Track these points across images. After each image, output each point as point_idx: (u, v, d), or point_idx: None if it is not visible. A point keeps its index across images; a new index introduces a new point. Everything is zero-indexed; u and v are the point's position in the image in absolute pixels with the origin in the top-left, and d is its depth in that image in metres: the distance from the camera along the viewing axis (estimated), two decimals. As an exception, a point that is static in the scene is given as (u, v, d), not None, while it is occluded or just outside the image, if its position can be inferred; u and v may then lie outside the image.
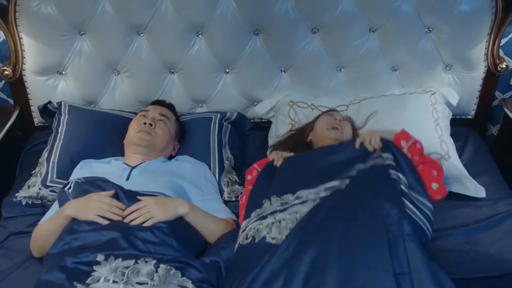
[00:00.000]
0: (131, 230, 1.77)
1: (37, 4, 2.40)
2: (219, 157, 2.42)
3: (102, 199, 1.86)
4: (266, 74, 2.68)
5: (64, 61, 2.56)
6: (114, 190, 1.92)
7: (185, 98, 2.71)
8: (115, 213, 1.84)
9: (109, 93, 2.67)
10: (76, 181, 2.01)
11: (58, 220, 1.88)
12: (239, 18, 2.49)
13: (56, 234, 1.83)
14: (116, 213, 1.84)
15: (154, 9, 2.46)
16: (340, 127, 2.29)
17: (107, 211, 1.83)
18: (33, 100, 2.64)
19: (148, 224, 1.82)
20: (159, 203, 1.89)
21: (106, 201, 1.86)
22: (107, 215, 1.83)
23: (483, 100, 2.75)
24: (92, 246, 1.71)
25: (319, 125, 2.34)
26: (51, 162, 2.33)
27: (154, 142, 2.25)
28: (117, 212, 1.85)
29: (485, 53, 2.61)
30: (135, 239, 1.74)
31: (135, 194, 1.93)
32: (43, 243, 1.89)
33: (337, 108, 2.62)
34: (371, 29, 2.58)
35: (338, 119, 2.32)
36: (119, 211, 1.86)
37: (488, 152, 2.65)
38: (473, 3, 2.48)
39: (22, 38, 2.48)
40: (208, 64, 2.62)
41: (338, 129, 2.27)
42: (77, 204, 1.87)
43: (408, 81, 2.71)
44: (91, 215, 1.82)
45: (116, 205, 1.87)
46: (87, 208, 1.84)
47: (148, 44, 2.56)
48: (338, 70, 2.70)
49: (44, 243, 1.87)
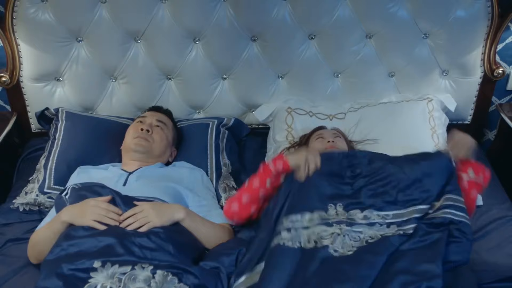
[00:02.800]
0: (127, 236, 1.77)
1: (34, 11, 2.41)
2: (216, 163, 2.42)
3: (99, 204, 1.86)
4: (263, 80, 2.68)
5: (61, 67, 2.57)
6: (111, 195, 1.92)
7: (182, 104, 2.71)
8: (112, 218, 1.84)
9: (106, 100, 2.67)
10: (73, 187, 2.01)
11: (55, 226, 1.87)
12: (236, 25, 2.50)
13: (53, 240, 1.82)
14: (113, 218, 1.84)
15: (151, 15, 2.46)
16: (336, 146, 2.25)
17: (104, 216, 1.83)
18: (31, 106, 2.64)
19: (144, 230, 1.82)
20: (156, 208, 1.89)
21: (102, 206, 1.86)
22: (104, 220, 1.82)
23: (480, 105, 2.76)
24: (89, 252, 1.71)
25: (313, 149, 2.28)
26: (48, 169, 2.33)
27: (151, 148, 2.25)
28: (114, 217, 1.84)
29: (481, 59, 2.62)
30: (132, 245, 1.73)
31: (132, 200, 1.93)
32: (40, 249, 1.89)
33: (335, 115, 2.62)
34: (368, 35, 2.58)
35: (331, 141, 2.27)
36: (115, 216, 1.85)
37: (484, 158, 2.65)
38: (469, 9, 2.49)
39: (19, 44, 2.49)
40: (205, 70, 2.62)
41: (335, 147, 2.24)
42: (74, 209, 1.87)
43: (405, 86, 2.71)
44: (87, 220, 1.81)
45: (113, 210, 1.86)
46: (84, 213, 1.83)
47: (145, 51, 2.57)
48: (335, 76, 2.70)
49: (41, 249, 1.87)
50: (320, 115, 2.63)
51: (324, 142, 2.28)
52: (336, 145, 2.25)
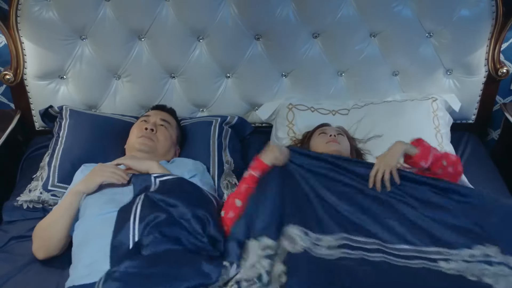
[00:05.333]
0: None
1: (39, 9, 2.41)
2: (218, 160, 2.43)
3: (106, 168, 2.01)
4: (267, 78, 2.68)
5: (65, 65, 2.57)
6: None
7: (186, 103, 2.71)
8: (120, 176, 1.98)
9: (110, 98, 2.68)
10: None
11: (66, 200, 1.96)
12: (240, 23, 2.50)
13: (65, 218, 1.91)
14: (121, 176, 1.98)
15: (155, 14, 2.46)
16: (338, 141, 2.26)
17: (111, 175, 1.97)
18: (34, 104, 2.64)
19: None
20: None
21: (109, 169, 2.00)
22: (112, 180, 1.96)
23: (484, 104, 2.75)
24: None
25: (315, 144, 2.30)
26: (52, 166, 2.33)
27: (155, 147, 2.25)
28: (122, 175, 1.98)
29: (485, 58, 2.62)
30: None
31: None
32: (49, 235, 1.92)
33: (338, 111, 2.62)
34: (372, 34, 2.58)
35: (332, 135, 2.28)
36: (123, 174, 1.99)
37: (488, 157, 2.66)
38: (474, 8, 2.49)
39: (24, 42, 2.49)
40: (209, 69, 2.62)
41: (336, 141, 2.25)
42: (83, 180, 2.00)
43: (409, 86, 2.71)
44: (97, 180, 1.96)
45: (120, 172, 1.99)
46: (93, 176, 1.98)
47: (149, 49, 2.57)
48: (338, 75, 2.70)
49: (50, 235, 1.92)
50: (322, 110, 2.62)
51: (326, 136, 2.28)
52: (338, 141, 2.26)
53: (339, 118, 2.59)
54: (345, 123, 2.55)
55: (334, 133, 2.29)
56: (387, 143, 2.10)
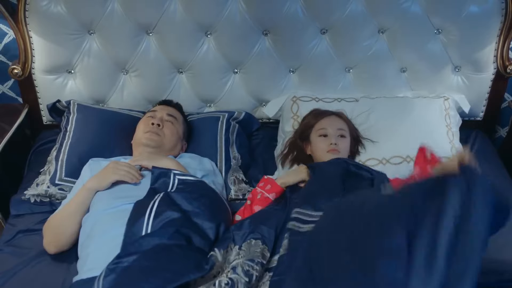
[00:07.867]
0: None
1: (47, 3, 2.42)
2: (225, 155, 2.43)
3: (120, 166, 2.01)
4: (275, 74, 2.67)
5: (73, 60, 2.57)
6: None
7: (193, 98, 2.71)
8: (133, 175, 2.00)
9: (117, 93, 2.68)
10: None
11: (79, 197, 1.97)
12: (248, 18, 2.49)
13: (77, 215, 1.92)
14: (134, 175, 2.00)
15: (163, 9, 2.46)
16: (338, 149, 2.23)
17: (125, 174, 1.98)
18: (42, 98, 2.65)
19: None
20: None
21: (123, 167, 2.01)
22: (125, 178, 1.98)
23: (492, 102, 2.74)
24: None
25: (315, 148, 2.29)
26: (59, 161, 2.34)
27: (162, 142, 2.25)
28: (135, 175, 2.00)
29: (494, 55, 2.60)
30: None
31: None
32: (61, 230, 1.94)
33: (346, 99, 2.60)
34: (380, 30, 2.57)
35: (333, 143, 2.24)
36: (137, 174, 2.01)
37: (496, 154, 2.64)
38: (483, 5, 2.47)
39: (32, 37, 2.49)
40: (217, 64, 2.62)
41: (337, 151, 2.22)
42: (96, 176, 2.01)
43: (417, 82, 2.70)
44: (111, 178, 1.96)
45: (134, 171, 2.01)
46: (106, 174, 1.99)
47: (157, 44, 2.57)
48: (346, 71, 2.69)
49: (63, 231, 1.94)
50: (327, 100, 2.60)
51: (327, 142, 2.25)
52: (339, 148, 2.23)
53: (345, 105, 2.57)
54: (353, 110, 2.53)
55: (334, 141, 2.25)
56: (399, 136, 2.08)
